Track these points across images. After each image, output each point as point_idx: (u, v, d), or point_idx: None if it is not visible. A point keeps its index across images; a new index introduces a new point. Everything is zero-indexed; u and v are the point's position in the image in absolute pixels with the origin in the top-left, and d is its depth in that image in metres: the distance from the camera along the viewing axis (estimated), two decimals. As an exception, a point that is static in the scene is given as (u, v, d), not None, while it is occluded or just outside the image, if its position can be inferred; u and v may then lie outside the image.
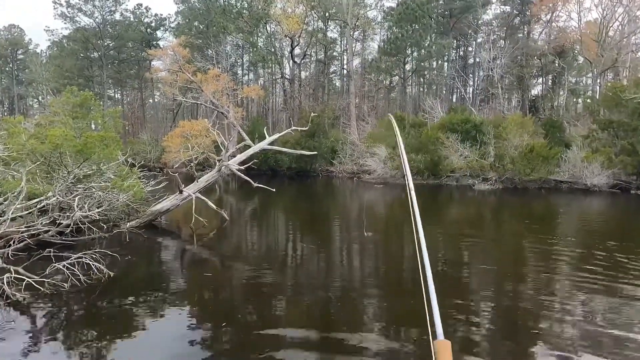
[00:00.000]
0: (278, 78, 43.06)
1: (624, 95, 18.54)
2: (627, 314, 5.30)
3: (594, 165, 18.46)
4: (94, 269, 6.27)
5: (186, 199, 10.56)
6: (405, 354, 4.37)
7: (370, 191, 21.21)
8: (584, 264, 7.65)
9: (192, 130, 25.80)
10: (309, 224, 13.01)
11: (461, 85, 35.80)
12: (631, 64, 35.85)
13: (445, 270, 7.52)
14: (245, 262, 8.27)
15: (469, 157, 21.03)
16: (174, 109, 44.14)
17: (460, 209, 16.55)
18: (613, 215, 14.68)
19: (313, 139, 26.84)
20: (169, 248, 9.52)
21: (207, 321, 5.23)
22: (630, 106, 18.73)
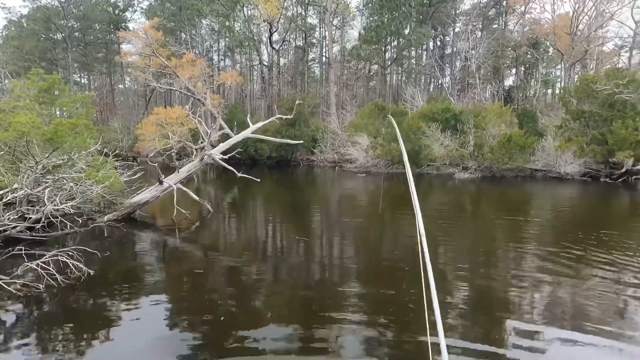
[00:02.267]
0: (256, 64, 41.96)
1: (595, 86, 19.22)
2: (587, 289, 5.88)
3: (566, 154, 19.16)
4: (72, 267, 5.81)
5: (166, 190, 10.07)
6: (390, 350, 4.34)
7: (353, 180, 21.17)
8: (553, 247, 8.21)
9: (168, 118, 24.77)
10: (293, 214, 12.80)
11: (438, 75, 36.15)
12: (598, 56, 37.39)
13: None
14: (229, 255, 7.99)
15: (449, 146, 21.33)
16: (147, 96, 42.28)
17: (441, 197, 16.80)
18: (582, 203, 15.32)
19: (294, 128, 26.40)
20: (150, 242, 9.06)
21: (192, 317, 5.02)
22: (600, 97, 19.46)
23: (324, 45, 42.30)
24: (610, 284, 6.04)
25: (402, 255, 7.88)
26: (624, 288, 5.91)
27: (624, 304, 5.44)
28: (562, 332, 4.62)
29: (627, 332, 4.59)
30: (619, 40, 38.55)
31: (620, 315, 5.13)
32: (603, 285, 5.95)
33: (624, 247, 8.05)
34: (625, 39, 37.26)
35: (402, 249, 8.44)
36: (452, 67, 39.52)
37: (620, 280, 6.22)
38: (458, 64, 37.01)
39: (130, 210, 9.72)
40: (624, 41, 37.79)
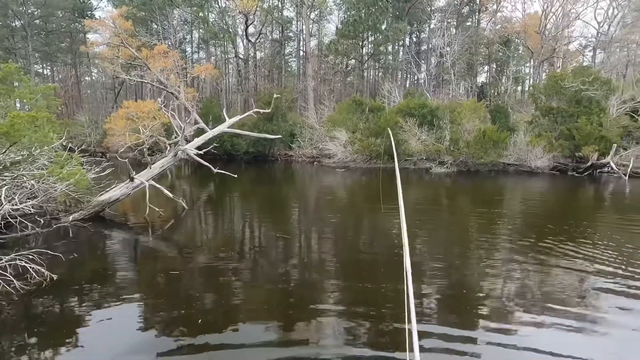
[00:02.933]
0: (231, 57, 40.98)
1: (563, 83, 19.97)
2: (554, 276, 6.33)
3: (537, 149, 19.85)
4: (32, 271, 5.36)
5: (138, 187, 9.57)
6: (368, 339, 4.39)
7: (332, 175, 21.10)
8: (523, 238, 8.69)
9: (139, 112, 23.75)
10: (271, 210, 12.54)
11: (414, 71, 36.60)
12: (565, 54, 39.03)
13: (399, 245, 7.69)
14: (206, 253, 7.69)
15: (426, 141, 21.62)
16: (116, 88, 40.45)
17: (418, 191, 17.04)
18: (551, 196, 15.92)
19: (271, 123, 25.97)
20: (121, 242, 8.59)
21: (166, 318, 4.79)
22: (568, 94, 20.24)
23: (301, 39, 41.85)
24: (574, 272, 6.45)
25: (380, 249, 7.99)
26: (586, 276, 6.31)
27: (586, 290, 5.85)
28: (530, 315, 4.97)
29: (588, 314, 5.02)
30: (583, 40, 40.40)
31: (582, 300, 5.55)
32: (567, 274, 6.38)
33: (587, 238, 8.53)
34: (589, 39, 39.08)
35: (380, 243, 8.57)
36: (428, 63, 40.12)
37: (583, 269, 6.61)
38: (433, 60, 37.60)
39: (99, 209, 9.18)
40: (588, 40, 39.64)
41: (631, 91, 21.97)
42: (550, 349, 4.21)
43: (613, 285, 5.92)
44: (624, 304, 5.32)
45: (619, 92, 21.40)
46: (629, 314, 5.06)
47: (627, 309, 5.18)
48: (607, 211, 13.01)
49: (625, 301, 5.40)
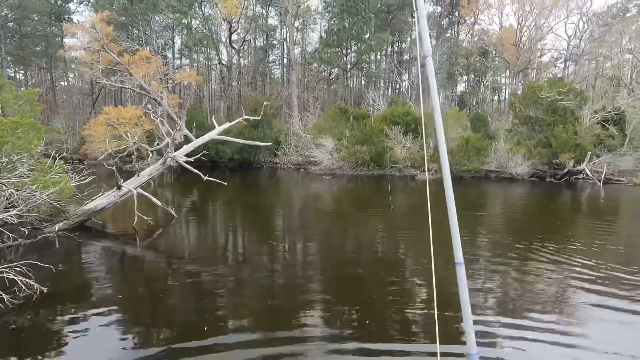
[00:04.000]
0: (215, 64, 40.66)
1: (540, 93, 20.84)
2: (532, 279, 6.63)
3: (517, 156, 20.55)
4: (21, 284, 5.10)
5: (125, 195, 9.29)
6: (349, 347, 4.38)
7: (318, 182, 21.12)
8: (504, 242, 9.11)
9: (120, 118, 23.14)
10: (259, 218, 12.35)
11: (397, 80, 37.38)
12: (538, 66, 40.82)
13: (383, 250, 8.27)
14: (195, 262, 7.53)
15: (411, 148, 22.01)
16: (94, 94, 39.32)
17: (404, 198, 17.36)
18: (530, 201, 16.50)
19: (257, 130, 25.84)
20: (109, 252, 8.30)
21: (159, 330, 4.70)
22: (545, 103, 21.13)
23: (285, 47, 42.04)
24: (551, 275, 6.76)
25: (365, 255, 8.15)
26: (563, 279, 6.61)
27: (562, 292, 6.13)
28: (509, 318, 5.15)
29: (564, 317, 5.25)
30: (555, 52, 42.40)
31: (558, 302, 5.81)
32: (545, 277, 6.70)
33: (564, 242, 8.95)
34: (561, 51, 41.06)
35: (365, 249, 8.71)
36: (409, 72, 41.06)
37: (560, 272, 6.92)
38: (414, 70, 38.51)
39: (84, 218, 8.85)
40: (560, 53, 41.64)
41: (601, 102, 23.17)
42: (531, 348, 4.40)
43: (589, 284, 6.28)
44: (599, 301, 5.64)
45: (590, 102, 22.52)
46: (605, 310, 5.38)
47: (603, 306, 5.51)
48: (585, 215, 13.63)
49: (599, 298, 5.73)
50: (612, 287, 6.13)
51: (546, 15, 35.27)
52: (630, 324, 5.03)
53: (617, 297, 5.76)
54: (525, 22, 36.82)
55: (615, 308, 5.43)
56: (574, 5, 35.89)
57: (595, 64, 37.56)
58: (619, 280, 6.42)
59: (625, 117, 22.13)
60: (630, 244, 9.25)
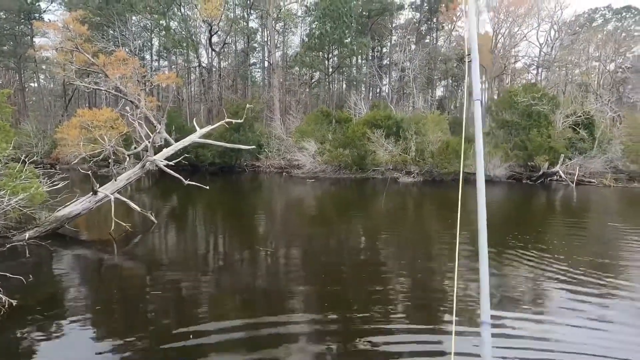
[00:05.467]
0: (194, 66, 39.95)
1: (516, 98, 21.53)
2: (512, 275, 6.96)
3: (495, 159, 21.11)
4: (-13, 298, 4.76)
5: (102, 200, 8.91)
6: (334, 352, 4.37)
7: (302, 186, 21.00)
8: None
9: (95, 120, 22.34)
10: (241, 224, 12.11)
11: (379, 84, 37.84)
12: (512, 72, 42.28)
13: (367, 252, 8.41)
14: (175, 269, 7.29)
15: (393, 151, 22.25)
16: (67, 96, 37.85)
17: (387, 200, 17.54)
18: (508, 202, 17.05)
19: (239, 133, 25.48)
20: (84, 261, 7.91)
21: (134, 342, 4.49)
22: (520, 108, 21.84)
23: (266, 50, 41.82)
24: (529, 272, 7.07)
25: (348, 258, 8.20)
26: (541, 274, 6.93)
27: (541, 287, 6.47)
28: (492, 311, 5.19)
29: (543, 308, 5.61)
30: (528, 59, 44.02)
31: (537, 295, 6.15)
32: (523, 273, 7.02)
33: (540, 240, 9.40)
34: (533, 58, 42.66)
35: (348, 252, 8.75)
36: (389, 76, 41.66)
37: (538, 269, 7.24)
38: (395, 74, 39.11)
39: (57, 225, 8.41)
40: (532, 60, 43.25)
41: (572, 107, 24.14)
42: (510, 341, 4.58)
43: (563, 278, 6.66)
44: (571, 297, 5.96)
45: (562, 107, 23.44)
46: (575, 302, 5.70)
47: (574, 300, 5.82)
48: (559, 215, 14.16)
49: (573, 292, 6.02)
50: (583, 283, 6.41)
51: (520, 23, 36.59)
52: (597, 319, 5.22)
53: (588, 294, 6.01)
54: (500, 30, 38.11)
55: (584, 301, 5.72)
56: (545, 14, 37.43)
57: (565, 71, 39.22)
58: (589, 275, 6.72)
59: (594, 121, 23.16)
60: (601, 242, 9.67)
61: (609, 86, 32.82)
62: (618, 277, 6.87)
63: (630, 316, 5.31)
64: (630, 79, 33.81)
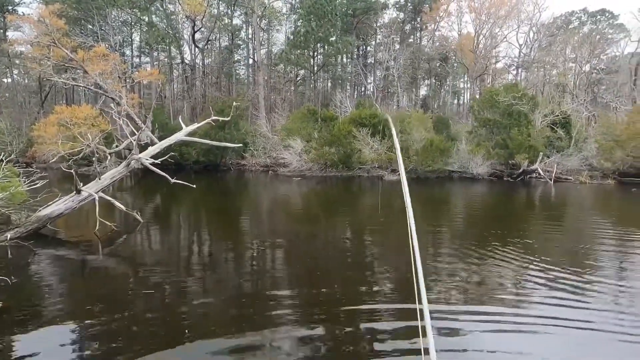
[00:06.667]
0: (178, 63, 39.27)
1: (497, 98, 22.09)
2: (491, 271, 7.16)
3: (477, 157, 21.62)
4: (-30, 301, 4.60)
5: (85, 200, 8.69)
6: (319, 353, 4.36)
7: (288, 184, 20.99)
8: (465, 237, 9.79)
9: (74, 118, 21.70)
10: (227, 223, 12.01)
11: (364, 82, 38.09)
12: (493, 72, 43.31)
13: (352, 250, 8.49)
14: (163, 271, 7.13)
15: (378, 150, 22.48)
16: (43, 92, 36.55)
17: (372, 198, 17.75)
18: (489, 199, 17.55)
19: (224, 131, 25.23)
20: (68, 262, 7.71)
21: (121, 344, 4.44)
22: (501, 107, 22.42)
23: (250, 47, 41.46)
24: (509, 267, 7.31)
25: (334, 256, 8.29)
26: (519, 269, 7.18)
27: (519, 282, 6.67)
28: (471, 306, 5.61)
29: (522, 303, 5.79)
30: (508, 60, 45.19)
31: (516, 290, 6.35)
32: (503, 268, 7.23)
33: (520, 237, 9.74)
34: (513, 59, 43.82)
35: (334, 250, 8.84)
36: (374, 75, 42.00)
37: (516, 264, 7.49)
38: (379, 73, 39.46)
39: (39, 225, 8.16)
40: (512, 60, 44.43)
41: (549, 106, 24.95)
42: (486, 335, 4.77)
43: (541, 273, 6.91)
44: (549, 292, 6.16)
45: (541, 107, 24.20)
46: (553, 299, 5.89)
47: (552, 297, 6.00)
48: (538, 211, 14.72)
49: (548, 287, 6.26)
50: (560, 279, 6.65)
51: (500, 24, 37.51)
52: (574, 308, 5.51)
53: (565, 290, 6.23)
54: (482, 31, 38.98)
55: (561, 297, 5.93)
56: (525, 16, 38.49)
57: (544, 72, 40.46)
58: (567, 272, 6.98)
59: (570, 120, 24.01)
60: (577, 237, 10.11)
61: (584, 87, 34.05)
62: (592, 267, 7.28)
63: (604, 303, 5.68)
64: (604, 79, 35.18)
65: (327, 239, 9.98)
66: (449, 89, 39.91)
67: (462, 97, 46.40)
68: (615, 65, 35.27)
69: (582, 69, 35.22)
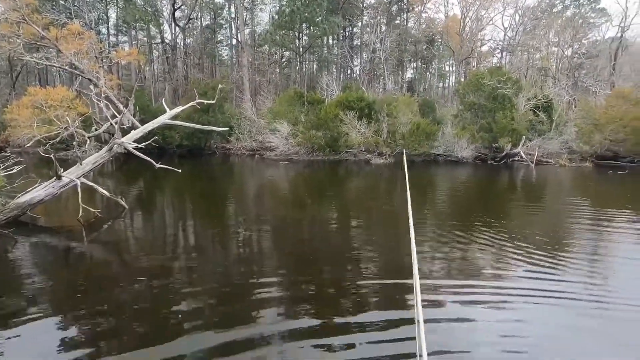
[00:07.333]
0: (158, 43, 37.78)
1: (483, 81, 22.24)
2: (474, 249, 7.49)
3: (462, 140, 21.89)
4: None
5: (67, 185, 8.40)
6: (304, 339, 4.34)
7: (274, 169, 20.82)
8: (450, 218, 10.24)
9: (50, 100, 20.74)
10: (213, 208, 11.88)
11: (350, 64, 37.62)
12: (479, 55, 43.46)
13: (339, 233, 8.58)
14: (149, 257, 7.06)
15: (365, 133, 22.47)
16: (13, 72, 34.71)
17: (359, 182, 17.92)
18: (473, 182, 17.91)
19: (207, 114, 24.62)
20: (51, 249, 7.50)
21: (103, 331, 4.41)
22: (487, 91, 22.61)
23: (233, 27, 40.18)
24: (490, 244, 7.63)
25: (321, 239, 8.40)
26: (499, 247, 7.50)
27: (500, 259, 6.97)
28: (456, 280, 5.93)
29: (501, 277, 6.17)
30: (493, 43, 45.34)
31: (497, 266, 6.66)
32: (485, 247, 7.54)
33: (501, 217, 10.18)
34: (498, 42, 43.98)
35: (321, 234, 8.94)
36: (360, 57, 41.50)
37: (497, 242, 7.80)
38: (365, 55, 39.00)
39: (19, 213, 7.87)
40: (497, 43, 44.60)
41: (532, 90, 25.32)
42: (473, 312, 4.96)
43: (520, 250, 7.25)
44: (527, 267, 6.51)
45: (524, 90, 24.53)
46: (532, 273, 6.21)
47: (532, 271, 6.31)
48: (519, 193, 15.21)
49: (528, 264, 6.53)
50: (538, 255, 7.00)
51: (486, 7, 37.42)
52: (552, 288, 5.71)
53: (542, 265, 6.55)
54: (468, 13, 38.83)
55: (538, 271, 6.24)
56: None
57: (527, 55, 40.82)
58: (545, 249, 7.31)
59: (552, 104, 24.47)
60: (555, 217, 10.55)
61: (566, 71, 34.62)
62: (568, 244, 7.76)
63: (578, 276, 6.09)
64: (584, 64, 35.80)
65: (314, 223, 10.01)
66: (435, 72, 39.91)
67: (447, 81, 46.54)
68: (596, 50, 35.88)
69: (565, 53, 35.72)
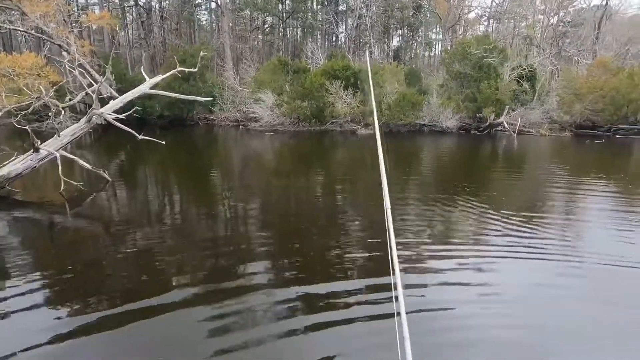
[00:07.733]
0: (131, 6, 35.53)
1: (469, 50, 22.04)
2: (454, 213, 7.88)
3: (447, 110, 21.96)
4: None
5: (46, 158, 8.11)
6: (290, 308, 4.43)
7: (259, 140, 20.54)
8: (434, 187, 10.70)
9: (17, 68, 19.49)
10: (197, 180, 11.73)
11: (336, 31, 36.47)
12: (465, 22, 42.80)
13: (325, 202, 8.76)
14: (134, 228, 7.09)
15: (351, 103, 22.23)
16: (-25, 37, 32.19)
17: (345, 152, 18.02)
18: (457, 151, 18.28)
19: (188, 83, 23.72)
20: (33, 223, 7.36)
21: (90, 302, 4.46)
22: (473, 60, 22.47)
23: (212, -11, 37.98)
24: (471, 210, 8.00)
25: (307, 212, 8.49)
26: (480, 212, 7.88)
27: (481, 224, 7.31)
28: (438, 245, 6.21)
29: (481, 240, 6.55)
30: (480, 10, 44.62)
31: (477, 231, 6.96)
32: (467, 212, 7.88)
33: (482, 184, 10.65)
34: (485, 9, 43.28)
35: (307, 204, 9.11)
36: (346, 24, 40.21)
37: (479, 208, 8.12)
38: (350, 22, 37.79)
39: (-4, 187, 7.61)
40: (484, 10, 43.88)
41: (517, 59, 25.29)
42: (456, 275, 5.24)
43: (499, 214, 7.60)
44: (506, 230, 6.84)
45: (509, 60, 24.47)
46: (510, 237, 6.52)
47: (510, 236, 6.63)
48: (502, 161, 15.81)
49: (507, 230, 6.83)
50: (516, 218, 7.37)
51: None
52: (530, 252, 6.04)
53: (520, 227, 6.92)
54: (456, -23, 37.74)
55: (516, 234, 6.58)
56: (499, -38, 37.40)
57: (514, 23, 40.41)
58: (523, 215, 7.64)
59: (536, 74, 24.59)
60: (534, 184, 11.06)
61: (550, 40, 34.59)
62: (545, 209, 8.27)
63: (553, 237, 6.54)
64: (569, 32, 35.77)
65: (300, 193, 10.09)
66: (422, 40, 39.19)
67: (434, 49, 45.89)
68: (581, 18, 35.79)
69: (550, 21, 35.52)
